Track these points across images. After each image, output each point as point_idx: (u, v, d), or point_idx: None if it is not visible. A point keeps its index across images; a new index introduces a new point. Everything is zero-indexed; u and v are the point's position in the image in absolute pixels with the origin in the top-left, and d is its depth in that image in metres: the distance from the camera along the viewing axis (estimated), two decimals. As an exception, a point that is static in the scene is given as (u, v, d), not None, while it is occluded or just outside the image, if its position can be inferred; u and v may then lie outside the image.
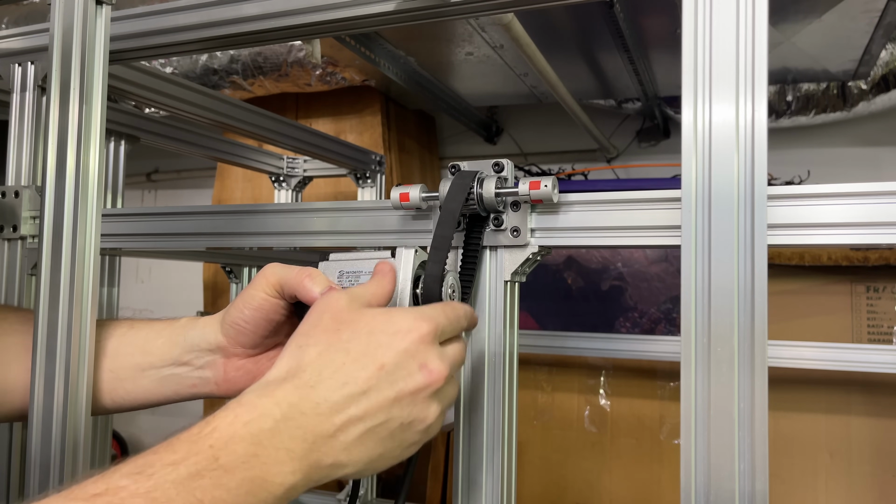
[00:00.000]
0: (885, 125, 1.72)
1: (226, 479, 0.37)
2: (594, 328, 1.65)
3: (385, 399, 0.43)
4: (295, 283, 0.54)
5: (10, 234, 0.77)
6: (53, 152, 0.63)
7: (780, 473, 1.45)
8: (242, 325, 0.57)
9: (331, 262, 0.59)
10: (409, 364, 0.44)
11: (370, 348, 0.45)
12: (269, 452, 0.39)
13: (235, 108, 1.11)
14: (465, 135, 2.11)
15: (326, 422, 0.42)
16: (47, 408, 0.61)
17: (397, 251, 0.56)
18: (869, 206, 0.46)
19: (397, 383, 0.44)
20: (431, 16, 0.60)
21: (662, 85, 1.66)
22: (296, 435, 0.40)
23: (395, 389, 0.44)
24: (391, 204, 0.60)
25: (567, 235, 0.56)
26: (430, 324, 0.46)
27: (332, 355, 0.45)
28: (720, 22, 0.47)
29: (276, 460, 0.39)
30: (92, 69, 0.64)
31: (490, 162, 0.58)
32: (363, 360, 0.44)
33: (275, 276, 0.56)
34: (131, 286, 2.58)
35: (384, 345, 0.45)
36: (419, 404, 0.45)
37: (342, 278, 0.58)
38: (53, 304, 0.62)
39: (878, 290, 1.44)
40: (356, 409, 0.43)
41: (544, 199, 0.54)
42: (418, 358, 0.45)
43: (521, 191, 0.55)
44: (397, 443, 0.45)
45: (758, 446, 0.45)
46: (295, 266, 0.56)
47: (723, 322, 0.46)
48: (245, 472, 0.38)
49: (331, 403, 0.42)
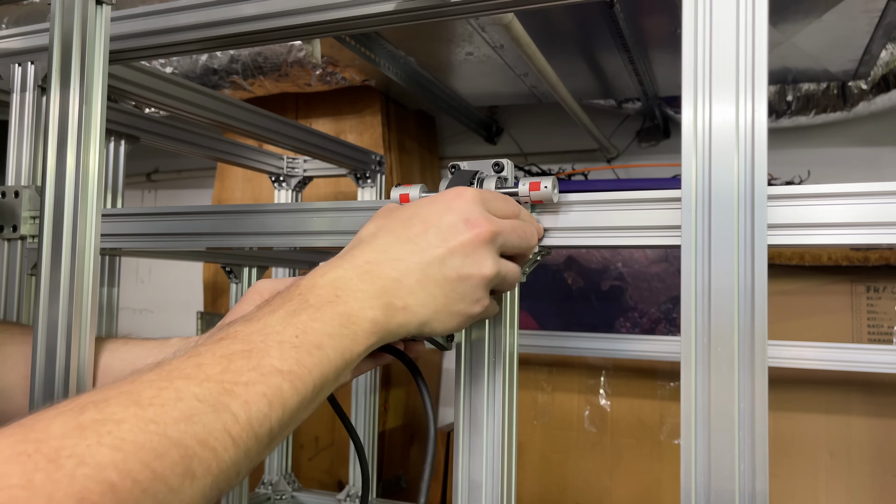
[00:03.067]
0: (885, 125, 1.72)
1: (318, 313, 0.44)
2: (594, 328, 1.65)
3: (436, 249, 0.49)
4: None
5: (10, 234, 0.77)
6: (53, 152, 0.64)
7: (780, 473, 1.45)
8: None
9: None
10: (454, 220, 0.49)
11: (418, 212, 0.50)
12: (347, 293, 0.46)
13: (235, 108, 1.11)
14: (465, 135, 2.11)
15: (388, 268, 0.48)
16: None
17: None
18: (869, 206, 0.46)
19: (445, 234, 0.49)
20: (431, 16, 0.60)
21: (662, 85, 1.66)
22: (365, 279, 0.47)
23: (444, 239, 0.49)
24: None
25: (567, 235, 0.56)
26: (472, 191, 0.51)
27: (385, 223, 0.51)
28: (720, 22, 0.47)
29: (355, 298, 0.45)
30: (92, 69, 0.64)
31: (490, 162, 0.59)
32: (411, 220, 0.50)
33: (268, 291, 0.58)
34: (131, 286, 2.58)
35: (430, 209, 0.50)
36: (470, 256, 0.49)
37: None
38: (53, 304, 0.62)
39: (878, 290, 1.44)
40: (411, 257, 0.48)
41: (544, 200, 0.55)
42: (463, 214, 0.50)
43: (521, 191, 0.55)
44: (458, 294, 0.49)
45: (758, 446, 0.45)
46: (286, 278, 0.59)
47: (723, 322, 0.46)
48: (333, 308, 0.44)
49: (389, 255, 0.48)
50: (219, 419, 0.37)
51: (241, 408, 0.38)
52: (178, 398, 0.37)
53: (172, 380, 0.38)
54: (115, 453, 0.33)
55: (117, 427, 0.34)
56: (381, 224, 0.51)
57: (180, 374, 0.38)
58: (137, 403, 0.36)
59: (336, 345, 0.43)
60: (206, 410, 0.37)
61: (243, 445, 0.38)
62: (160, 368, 0.39)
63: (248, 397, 0.38)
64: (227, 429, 0.37)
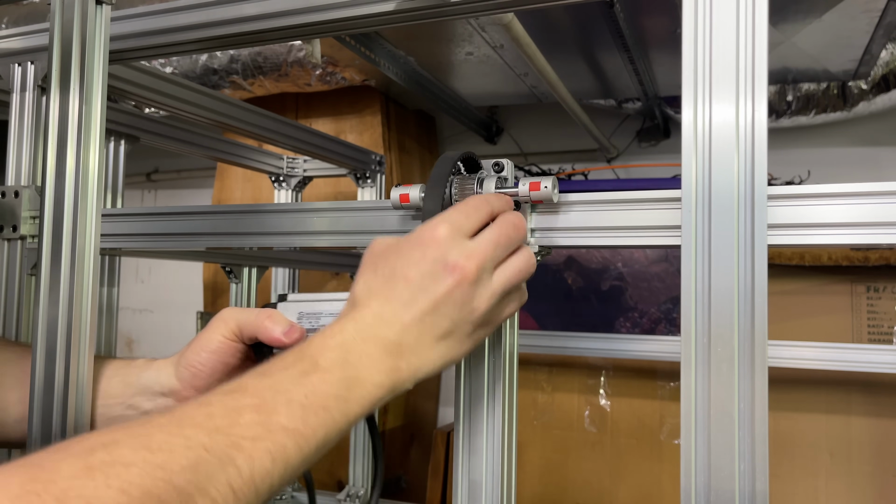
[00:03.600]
0: (885, 125, 1.72)
1: (327, 376, 0.45)
2: (594, 328, 1.65)
3: (425, 304, 0.48)
4: (255, 326, 0.57)
5: (10, 234, 0.77)
6: (53, 152, 0.64)
7: (780, 473, 1.45)
8: (198, 368, 0.59)
9: (290, 302, 0.61)
10: (433, 269, 0.48)
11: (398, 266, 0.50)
12: (355, 357, 0.47)
13: (235, 108, 1.11)
14: (465, 135, 2.11)
15: (387, 331, 0.48)
16: (47, 408, 0.61)
17: None
18: (869, 206, 0.46)
19: (429, 289, 0.48)
20: (431, 16, 0.60)
21: (662, 85, 1.66)
22: (369, 343, 0.47)
23: (429, 294, 0.48)
24: (391, 204, 0.60)
25: (567, 235, 0.56)
26: (445, 224, 0.49)
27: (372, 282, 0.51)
28: (720, 22, 0.47)
29: (362, 364, 0.46)
30: (92, 69, 0.64)
31: (490, 162, 0.59)
32: (393, 278, 0.49)
33: (233, 320, 0.58)
34: (131, 286, 2.58)
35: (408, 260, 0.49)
36: (460, 300, 0.49)
37: (302, 319, 0.60)
38: (53, 304, 0.62)
39: (878, 290, 1.44)
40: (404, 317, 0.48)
41: (544, 200, 0.55)
42: (440, 261, 0.48)
43: (521, 191, 0.55)
44: (459, 336, 0.50)
45: (758, 446, 0.45)
46: (253, 308, 0.59)
47: (723, 322, 0.46)
48: (341, 371, 0.46)
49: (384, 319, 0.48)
50: (223, 471, 0.38)
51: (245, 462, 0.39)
52: (187, 446, 0.38)
53: (183, 427, 0.39)
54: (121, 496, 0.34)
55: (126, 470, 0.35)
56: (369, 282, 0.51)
57: (191, 423, 0.39)
58: (147, 448, 0.37)
59: (342, 407, 0.45)
60: (213, 461, 0.38)
61: (243, 499, 0.39)
62: (171, 414, 0.40)
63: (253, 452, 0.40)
64: (230, 482, 0.38)
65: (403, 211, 0.61)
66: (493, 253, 0.50)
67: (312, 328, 0.59)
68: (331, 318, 0.58)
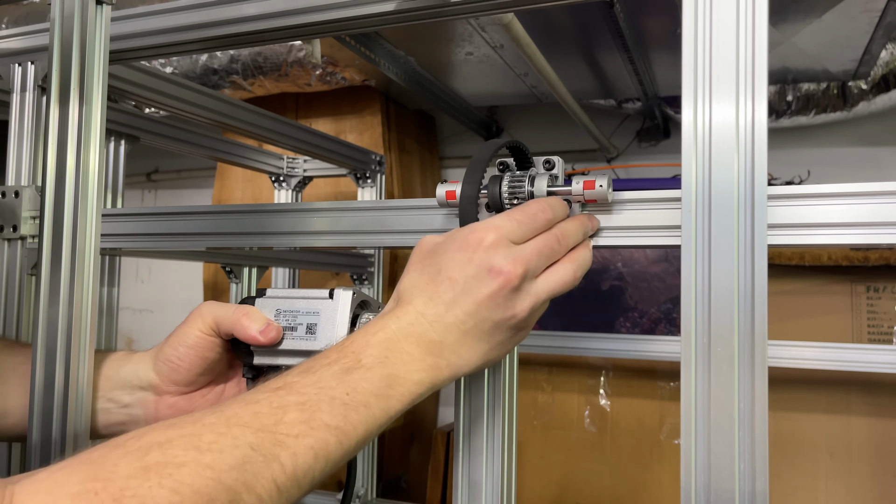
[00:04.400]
0: (885, 125, 1.72)
1: (369, 374, 0.46)
2: (594, 328, 1.65)
3: (468, 306, 0.49)
4: (232, 322, 0.58)
5: (10, 234, 0.77)
6: (53, 152, 0.63)
7: (780, 473, 1.45)
8: (176, 363, 0.59)
9: (268, 298, 0.60)
10: (478, 272, 0.49)
11: (444, 266, 0.50)
12: (396, 355, 0.48)
13: (235, 108, 1.11)
14: (466, 135, 2.11)
15: (429, 330, 0.49)
16: (47, 407, 0.61)
17: (335, 292, 0.58)
18: (869, 206, 0.46)
19: (472, 291, 0.49)
20: (431, 16, 0.60)
21: (662, 85, 1.66)
22: (410, 341, 0.48)
23: (472, 296, 0.49)
24: (437, 202, 0.58)
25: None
26: (494, 231, 0.50)
27: (417, 279, 0.51)
28: (720, 22, 0.47)
29: (402, 361, 0.48)
30: (92, 69, 0.64)
31: (541, 159, 0.57)
32: (438, 277, 0.50)
33: (210, 315, 0.59)
34: (131, 286, 2.58)
35: (454, 261, 0.50)
36: (502, 304, 0.49)
37: (279, 316, 0.59)
38: (53, 304, 0.62)
39: (878, 290, 1.44)
40: (446, 317, 0.49)
41: (598, 200, 0.53)
42: (485, 264, 0.49)
43: (574, 190, 0.53)
44: (499, 339, 0.51)
45: (758, 446, 0.45)
46: (231, 304, 0.59)
47: (723, 322, 0.46)
48: (382, 369, 0.47)
49: (427, 317, 0.49)
50: (268, 468, 0.40)
51: (289, 459, 0.41)
52: (234, 445, 0.39)
53: (231, 426, 0.40)
54: (173, 496, 0.36)
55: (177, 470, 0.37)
56: (414, 280, 0.52)
57: (238, 422, 0.41)
58: (197, 448, 0.38)
59: (382, 404, 0.46)
60: (258, 459, 0.40)
61: (286, 494, 0.41)
62: (221, 412, 0.42)
63: (296, 449, 0.41)
64: (275, 478, 0.40)
65: (448, 209, 0.60)
66: (538, 260, 0.51)
67: (290, 326, 0.59)
68: (308, 316, 0.58)
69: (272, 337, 0.57)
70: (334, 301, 0.58)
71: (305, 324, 0.58)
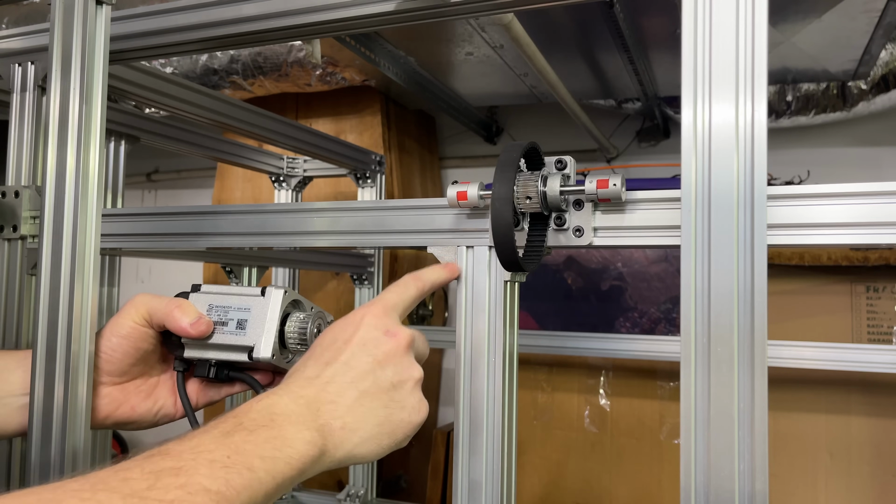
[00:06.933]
0: (885, 125, 1.72)
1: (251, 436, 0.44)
2: (594, 328, 1.65)
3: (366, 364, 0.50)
4: (164, 314, 0.58)
5: (10, 234, 0.77)
6: (53, 152, 0.63)
7: (780, 473, 1.45)
8: (109, 353, 0.60)
9: (202, 293, 0.61)
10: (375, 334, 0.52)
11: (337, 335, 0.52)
12: (281, 418, 0.46)
13: (235, 108, 1.11)
14: (465, 135, 2.11)
15: (322, 392, 0.49)
16: (47, 407, 0.61)
17: (266, 290, 0.60)
18: (869, 206, 0.46)
19: (370, 350, 0.51)
20: (431, 16, 0.60)
21: (662, 85, 1.66)
22: (300, 403, 0.48)
23: (370, 355, 0.51)
24: (447, 202, 0.58)
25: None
26: (380, 304, 0.54)
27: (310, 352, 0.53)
28: (720, 22, 0.47)
29: (290, 422, 0.46)
30: (92, 69, 0.64)
31: (552, 160, 0.57)
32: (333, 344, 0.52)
33: (144, 306, 0.59)
34: (131, 286, 2.58)
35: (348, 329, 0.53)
36: (398, 363, 0.51)
37: (211, 311, 0.60)
38: (53, 304, 0.62)
39: (878, 290, 1.44)
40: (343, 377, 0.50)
41: (612, 199, 0.53)
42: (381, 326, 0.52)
43: (587, 189, 0.53)
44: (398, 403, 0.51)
45: (758, 446, 0.45)
46: (165, 297, 0.59)
47: (723, 322, 0.46)
48: (265, 431, 0.44)
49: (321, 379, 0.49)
50: None
51: None
52: None
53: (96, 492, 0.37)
54: None
55: None
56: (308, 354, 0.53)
57: (105, 487, 0.38)
58: None
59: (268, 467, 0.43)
60: None
61: None
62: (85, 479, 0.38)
63: None
64: None
65: (458, 210, 0.59)
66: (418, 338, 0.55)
67: (221, 321, 0.60)
68: (239, 312, 0.59)
69: (202, 330, 0.58)
70: (265, 298, 0.59)
71: (236, 319, 0.60)
